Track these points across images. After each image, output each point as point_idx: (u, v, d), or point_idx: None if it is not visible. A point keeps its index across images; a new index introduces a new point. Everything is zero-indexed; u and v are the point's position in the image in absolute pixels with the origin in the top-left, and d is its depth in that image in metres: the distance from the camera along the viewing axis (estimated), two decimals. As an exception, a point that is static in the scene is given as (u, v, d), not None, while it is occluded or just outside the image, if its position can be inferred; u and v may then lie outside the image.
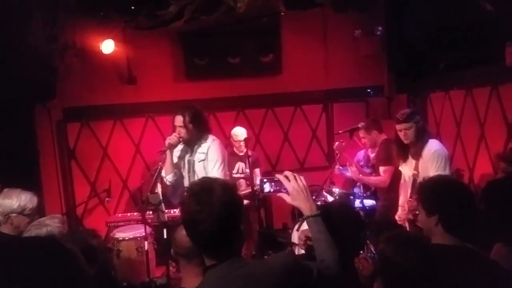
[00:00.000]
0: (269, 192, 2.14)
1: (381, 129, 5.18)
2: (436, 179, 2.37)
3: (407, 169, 4.13)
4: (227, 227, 1.74)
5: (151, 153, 5.47)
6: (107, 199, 5.79)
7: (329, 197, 5.09)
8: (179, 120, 4.07)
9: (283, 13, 5.71)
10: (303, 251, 2.49)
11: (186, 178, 4.22)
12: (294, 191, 2.00)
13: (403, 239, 2.02)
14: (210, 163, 4.06)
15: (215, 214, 1.70)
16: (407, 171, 4.13)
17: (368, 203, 5.07)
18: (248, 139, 5.39)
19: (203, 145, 4.12)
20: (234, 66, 6.30)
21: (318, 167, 6.58)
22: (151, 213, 4.36)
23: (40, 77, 4.91)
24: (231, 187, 1.84)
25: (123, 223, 5.33)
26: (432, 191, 2.26)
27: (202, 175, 3.92)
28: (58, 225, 2.77)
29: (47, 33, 4.59)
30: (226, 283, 1.70)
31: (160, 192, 4.24)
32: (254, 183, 4.91)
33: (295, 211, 5.14)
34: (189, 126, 4.05)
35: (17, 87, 4.73)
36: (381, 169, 4.92)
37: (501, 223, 2.31)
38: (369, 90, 6.74)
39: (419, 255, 1.89)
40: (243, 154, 5.37)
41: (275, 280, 1.72)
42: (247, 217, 5.13)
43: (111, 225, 5.41)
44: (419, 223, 2.40)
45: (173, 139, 4.06)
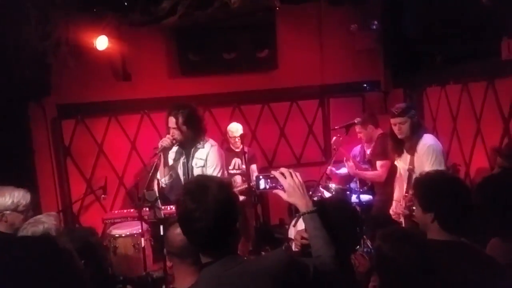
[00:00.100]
0: (265, 189, 2.13)
1: (377, 123, 5.17)
2: (432, 175, 2.35)
3: (402, 163, 4.13)
4: (223, 225, 1.73)
5: (147, 149, 5.45)
6: (103, 196, 5.79)
7: (326, 192, 5.10)
8: (172, 121, 3.80)
9: (278, 8, 5.67)
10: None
11: (182, 181, 4.02)
12: (290, 188, 2.00)
13: (400, 235, 2.01)
14: (209, 168, 3.88)
15: (210, 212, 1.69)
16: (402, 165, 4.13)
17: (364, 198, 5.08)
18: (244, 135, 5.38)
19: (201, 150, 3.89)
20: (229, 61, 6.26)
21: (314, 163, 6.58)
22: (148, 209, 4.34)
23: (34, 74, 4.88)
24: (227, 185, 1.83)
25: (120, 220, 5.31)
26: (428, 189, 2.25)
27: None
28: (54, 222, 2.77)
29: (40, 30, 4.55)
30: (222, 281, 1.70)
31: (156, 189, 4.21)
32: (250, 179, 4.89)
33: (292, 207, 5.13)
34: (183, 128, 3.78)
35: (11, 84, 4.71)
36: (378, 163, 4.92)
37: (496, 218, 2.31)
38: (365, 84, 6.73)
39: (416, 251, 1.89)
40: (239, 150, 5.36)
41: (271, 277, 1.72)
42: (243, 213, 5.12)
43: (107, 222, 5.39)
44: (415, 218, 2.40)
45: (166, 141, 3.78)
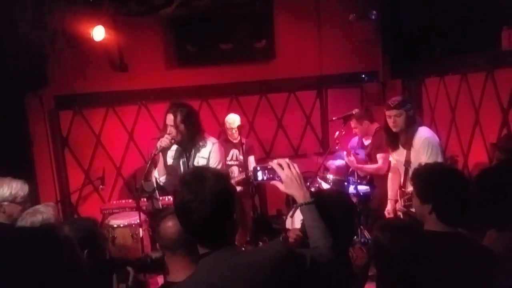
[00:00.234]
0: (263, 180, 2.13)
1: (373, 119, 5.15)
2: (431, 167, 2.36)
3: (397, 157, 4.09)
4: (219, 216, 1.73)
5: (144, 140, 5.44)
6: (101, 186, 5.81)
7: (323, 183, 5.10)
8: (170, 118, 3.81)
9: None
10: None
11: None
12: (287, 179, 1.99)
13: (398, 227, 2.02)
14: (211, 166, 3.82)
15: (207, 203, 1.69)
16: (398, 159, 4.10)
17: (362, 189, 5.09)
18: (241, 126, 5.37)
19: (203, 150, 3.89)
20: (226, 52, 6.22)
21: (312, 154, 6.57)
22: (146, 200, 4.34)
23: (31, 65, 4.86)
24: (224, 176, 1.83)
25: (118, 210, 5.35)
26: (426, 180, 2.25)
27: None
28: (53, 212, 2.78)
29: (37, 20, 4.52)
30: (218, 272, 1.70)
31: (154, 180, 4.21)
32: (248, 170, 4.89)
33: (290, 198, 5.13)
34: (180, 126, 3.79)
35: (8, 76, 4.68)
36: (378, 156, 4.91)
37: (493, 209, 2.32)
38: (364, 75, 6.69)
39: (414, 242, 1.89)
40: (237, 141, 5.36)
41: (268, 268, 1.72)
42: (241, 204, 5.12)
43: (105, 212, 5.43)
44: (413, 207, 2.41)
45: (165, 141, 3.81)
